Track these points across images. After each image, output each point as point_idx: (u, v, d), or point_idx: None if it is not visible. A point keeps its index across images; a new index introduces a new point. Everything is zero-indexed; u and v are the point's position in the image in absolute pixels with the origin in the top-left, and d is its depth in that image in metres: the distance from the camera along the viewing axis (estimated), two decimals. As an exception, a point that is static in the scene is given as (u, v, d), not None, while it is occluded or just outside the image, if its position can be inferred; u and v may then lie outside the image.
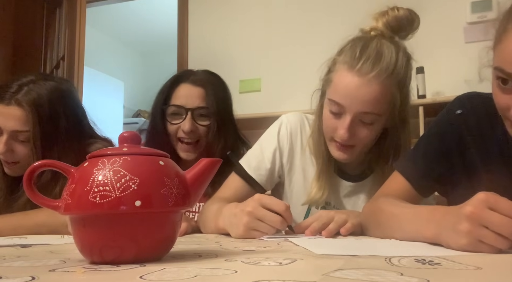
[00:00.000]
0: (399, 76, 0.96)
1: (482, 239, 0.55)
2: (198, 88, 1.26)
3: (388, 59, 0.94)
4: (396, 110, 0.99)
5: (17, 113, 1.13)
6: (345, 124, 0.96)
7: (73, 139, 1.19)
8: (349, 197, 1.12)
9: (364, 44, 0.96)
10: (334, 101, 0.98)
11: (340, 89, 0.97)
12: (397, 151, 1.04)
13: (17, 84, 1.15)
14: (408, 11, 0.99)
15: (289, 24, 3.15)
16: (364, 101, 0.94)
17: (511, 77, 0.70)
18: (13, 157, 1.16)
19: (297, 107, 1.38)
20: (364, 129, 0.98)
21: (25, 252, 0.62)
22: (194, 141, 1.26)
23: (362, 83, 0.93)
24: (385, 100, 0.96)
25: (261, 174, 1.11)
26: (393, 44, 0.97)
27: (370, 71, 0.93)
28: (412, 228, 0.70)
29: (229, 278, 0.39)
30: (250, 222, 0.82)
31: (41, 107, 1.14)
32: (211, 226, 0.97)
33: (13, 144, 1.15)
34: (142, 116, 5.21)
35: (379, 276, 0.38)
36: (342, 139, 0.98)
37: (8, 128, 1.13)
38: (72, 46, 3.16)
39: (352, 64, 0.94)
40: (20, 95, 1.13)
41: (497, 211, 0.54)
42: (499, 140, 0.85)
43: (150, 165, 0.49)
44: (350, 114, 0.96)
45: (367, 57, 0.94)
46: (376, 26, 0.99)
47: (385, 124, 1.01)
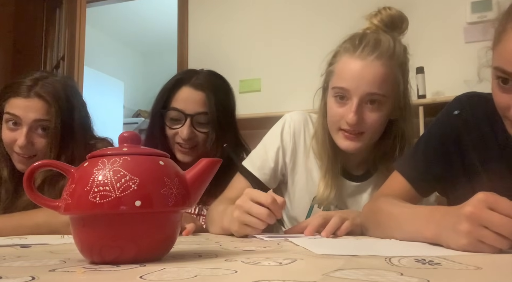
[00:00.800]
0: (399, 59, 1.00)
1: (482, 239, 0.55)
2: (199, 93, 1.24)
3: (386, 44, 0.98)
4: (400, 95, 1.01)
5: (38, 105, 1.15)
6: (353, 107, 0.97)
7: (84, 134, 1.22)
8: (352, 197, 1.12)
9: (362, 35, 1.01)
10: (339, 87, 0.99)
11: (344, 74, 0.99)
12: (402, 146, 1.05)
13: (30, 79, 1.18)
14: (399, 11, 1.03)
15: (289, 24, 3.15)
16: (369, 82, 0.96)
17: (511, 76, 0.70)
18: (32, 150, 1.17)
19: (297, 107, 1.37)
20: (371, 114, 0.99)
21: (25, 252, 0.62)
22: (192, 146, 1.25)
23: (366, 64, 0.96)
24: (389, 80, 0.98)
25: (265, 173, 1.12)
26: (389, 35, 1.01)
27: (371, 54, 0.97)
28: (412, 228, 0.70)
29: (229, 278, 0.39)
30: (240, 216, 0.84)
31: (60, 99, 1.17)
32: (217, 226, 0.98)
33: (33, 136, 1.16)
34: (142, 116, 5.20)
35: (379, 276, 0.38)
36: (351, 124, 0.98)
37: (29, 119, 1.15)
38: (72, 46, 3.16)
39: (353, 50, 0.98)
40: (38, 88, 1.16)
41: (496, 210, 0.54)
42: (498, 140, 0.85)
43: (150, 165, 0.49)
44: (357, 97, 0.97)
45: (367, 43, 0.98)
46: (370, 26, 1.03)
47: (390, 111, 1.02)
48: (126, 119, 5.18)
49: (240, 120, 1.39)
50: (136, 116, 5.36)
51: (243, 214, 0.84)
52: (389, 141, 1.06)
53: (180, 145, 1.25)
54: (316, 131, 1.11)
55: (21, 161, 1.18)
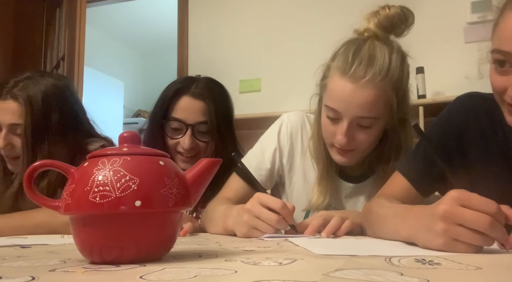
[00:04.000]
0: (394, 78, 0.95)
1: (458, 237, 0.55)
2: (199, 102, 1.25)
3: (381, 61, 0.93)
4: (394, 112, 0.98)
5: (12, 107, 1.16)
6: (343, 130, 0.96)
7: (67, 134, 1.21)
8: (349, 198, 1.12)
9: (356, 48, 0.96)
10: (330, 107, 0.98)
11: (334, 95, 0.97)
12: (398, 151, 1.04)
13: (14, 80, 1.19)
14: (400, 9, 0.97)
15: (289, 24, 3.15)
16: (359, 106, 0.94)
17: (507, 56, 0.70)
18: (13, 151, 1.19)
19: (297, 108, 1.37)
20: (362, 134, 0.98)
21: (25, 252, 0.62)
22: (193, 155, 1.26)
23: (356, 88, 0.93)
24: (381, 103, 0.95)
25: (262, 174, 1.12)
26: (386, 45, 0.96)
27: (363, 76, 0.92)
28: (391, 227, 0.70)
29: (229, 278, 0.39)
30: (249, 220, 0.83)
31: (34, 100, 1.17)
32: (219, 226, 0.96)
33: (12, 138, 1.18)
34: (142, 116, 5.21)
35: (379, 276, 0.38)
36: (341, 145, 0.98)
37: (6, 122, 1.17)
38: (72, 46, 3.16)
39: (345, 69, 0.94)
40: (16, 90, 1.17)
41: (469, 207, 0.54)
42: (499, 140, 0.85)
43: (150, 165, 0.49)
44: (347, 119, 0.96)
45: (360, 62, 0.93)
46: (368, 27, 0.98)
47: (384, 126, 1.01)
48: (126, 119, 5.18)
49: (240, 120, 1.40)
50: (136, 116, 5.36)
51: (252, 218, 0.83)
52: (386, 147, 1.05)
53: (182, 154, 1.26)
54: (313, 136, 1.11)
55: (8, 162, 1.22)
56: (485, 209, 0.54)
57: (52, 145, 1.17)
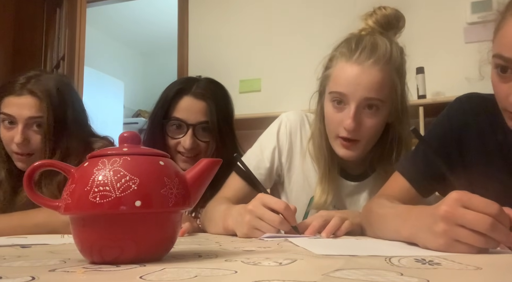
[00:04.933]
0: (396, 63, 0.99)
1: (459, 238, 0.54)
2: (200, 102, 1.25)
3: (383, 48, 0.97)
4: (397, 98, 1.01)
5: (30, 101, 1.16)
6: (351, 113, 0.97)
7: (80, 129, 1.23)
8: (350, 197, 1.13)
9: (358, 38, 1.00)
10: (337, 92, 0.99)
11: (341, 79, 0.99)
12: (398, 150, 1.05)
13: (24, 77, 1.19)
14: (394, 10, 1.02)
15: (290, 24, 3.15)
16: (367, 87, 0.96)
17: (509, 62, 0.70)
18: (29, 147, 1.18)
19: (297, 107, 1.37)
20: (369, 119, 0.99)
21: (25, 252, 0.62)
22: (194, 155, 1.26)
23: (362, 70, 0.96)
24: (387, 85, 0.98)
25: (261, 173, 1.12)
26: (385, 37, 1.00)
27: (368, 59, 0.96)
28: (392, 227, 0.70)
29: (229, 278, 0.39)
30: (251, 220, 0.83)
31: (51, 95, 1.18)
32: (219, 226, 0.96)
33: (29, 133, 1.18)
34: (142, 116, 5.21)
35: (379, 276, 0.38)
36: (349, 129, 0.98)
37: (23, 117, 1.16)
38: (72, 46, 3.16)
39: (350, 55, 0.97)
40: (30, 85, 1.17)
41: (470, 208, 0.54)
42: (498, 140, 0.85)
43: (150, 165, 0.49)
44: (354, 102, 0.97)
45: (363, 47, 0.97)
46: (365, 27, 1.02)
47: (388, 114, 1.02)
48: (126, 119, 5.18)
49: (240, 120, 1.40)
50: (136, 116, 5.36)
51: (255, 219, 0.83)
52: (386, 144, 1.06)
53: (182, 154, 1.26)
54: (313, 135, 1.11)
55: (20, 159, 1.20)
56: (486, 210, 0.54)
57: (69, 141, 1.19)
